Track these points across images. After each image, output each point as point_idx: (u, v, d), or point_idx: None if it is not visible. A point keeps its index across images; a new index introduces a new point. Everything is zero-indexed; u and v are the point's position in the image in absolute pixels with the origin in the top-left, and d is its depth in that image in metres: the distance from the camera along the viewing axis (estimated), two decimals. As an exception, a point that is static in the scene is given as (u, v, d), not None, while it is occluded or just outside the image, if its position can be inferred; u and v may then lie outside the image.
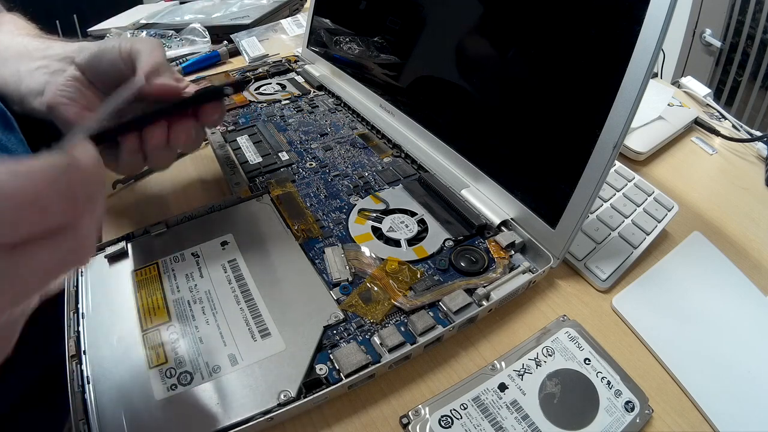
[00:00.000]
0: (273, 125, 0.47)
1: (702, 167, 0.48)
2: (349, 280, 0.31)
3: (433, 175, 0.39)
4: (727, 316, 0.32)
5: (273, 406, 0.24)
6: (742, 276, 0.34)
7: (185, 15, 0.76)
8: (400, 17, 0.45)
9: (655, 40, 0.25)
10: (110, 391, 0.25)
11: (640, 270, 0.35)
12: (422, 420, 0.24)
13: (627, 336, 0.30)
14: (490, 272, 0.31)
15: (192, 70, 0.63)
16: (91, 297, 0.30)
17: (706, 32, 1.11)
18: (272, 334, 0.27)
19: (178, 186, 0.43)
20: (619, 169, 0.42)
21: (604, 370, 0.27)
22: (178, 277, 0.31)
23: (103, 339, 0.27)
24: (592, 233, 0.36)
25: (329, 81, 0.54)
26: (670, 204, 0.39)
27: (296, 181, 0.39)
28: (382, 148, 0.44)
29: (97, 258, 0.32)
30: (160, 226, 0.34)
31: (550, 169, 0.32)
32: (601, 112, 0.27)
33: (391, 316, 0.29)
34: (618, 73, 0.26)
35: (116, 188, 0.42)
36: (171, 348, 0.27)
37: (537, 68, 0.33)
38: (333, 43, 0.54)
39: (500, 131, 0.36)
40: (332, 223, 0.35)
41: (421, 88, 0.44)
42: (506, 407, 0.25)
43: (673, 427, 0.26)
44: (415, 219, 0.35)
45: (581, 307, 0.32)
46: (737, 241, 0.38)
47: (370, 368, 0.26)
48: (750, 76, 1.05)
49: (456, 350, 0.29)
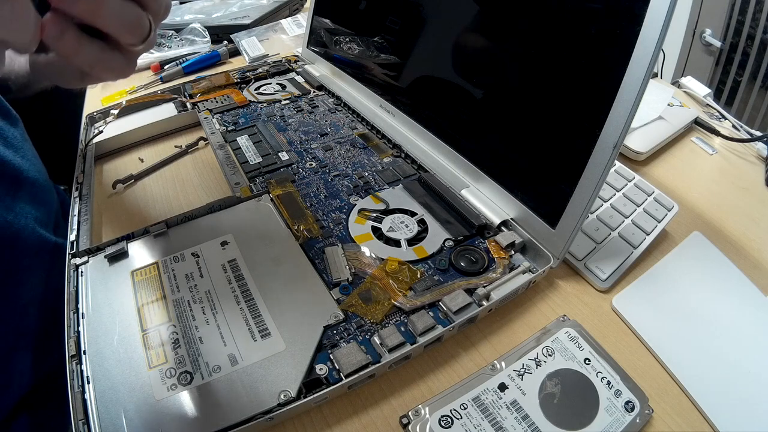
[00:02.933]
0: (273, 125, 0.47)
1: (702, 167, 0.48)
2: (349, 280, 0.31)
3: (433, 175, 0.39)
4: (727, 316, 0.32)
5: (273, 406, 0.24)
6: (742, 276, 0.34)
7: (185, 15, 0.76)
8: (400, 17, 0.45)
9: (655, 40, 0.25)
10: (110, 391, 0.25)
11: (640, 270, 0.35)
12: (422, 420, 0.24)
13: (627, 336, 0.30)
14: (490, 272, 0.31)
15: (192, 70, 0.63)
16: (91, 297, 0.30)
17: (706, 32, 1.11)
18: (272, 334, 0.27)
19: (178, 186, 0.43)
20: (619, 169, 0.42)
21: (604, 370, 0.27)
22: (178, 277, 0.31)
23: (103, 339, 0.27)
24: (592, 233, 0.36)
25: (329, 81, 0.54)
26: (670, 204, 0.39)
27: (296, 181, 0.39)
28: (382, 148, 0.44)
29: (97, 258, 0.32)
30: (160, 226, 0.34)
31: (550, 169, 0.32)
32: (601, 112, 0.27)
33: (391, 316, 0.29)
34: (618, 73, 0.26)
35: (116, 188, 0.42)
36: (171, 348, 0.27)
37: (537, 68, 0.33)
38: (333, 43, 0.54)
39: (500, 131, 0.36)
40: (332, 223, 0.35)
41: (421, 88, 0.44)
42: (506, 407, 0.25)
43: (673, 427, 0.26)
44: (415, 219, 0.35)
45: (581, 307, 0.32)
46: (737, 241, 0.38)
47: (370, 368, 0.26)
48: (750, 76, 1.05)
49: (456, 350, 0.29)
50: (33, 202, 0.39)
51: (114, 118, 0.50)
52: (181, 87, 0.55)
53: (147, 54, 0.66)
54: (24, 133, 0.43)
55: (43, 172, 0.43)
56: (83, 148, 0.45)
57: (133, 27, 0.23)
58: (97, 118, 0.50)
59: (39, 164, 0.43)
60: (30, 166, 0.40)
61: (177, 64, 0.63)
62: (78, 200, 0.39)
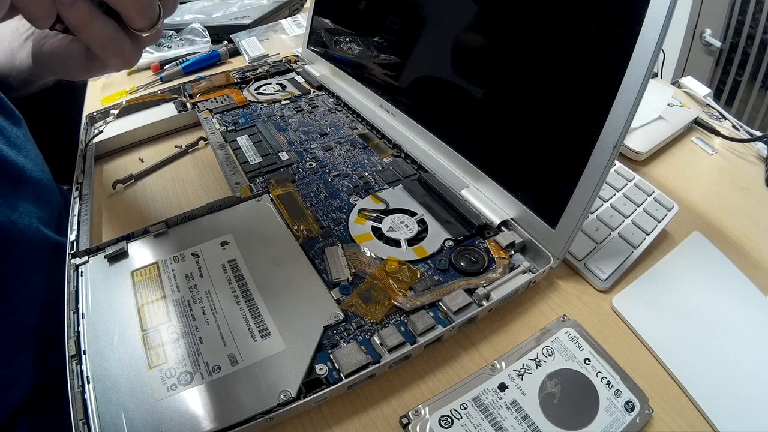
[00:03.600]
0: (273, 125, 0.47)
1: (702, 167, 0.48)
2: (349, 280, 0.31)
3: (433, 175, 0.39)
4: (727, 316, 0.32)
5: (273, 406, 0.24)
6: (742, 276, 0.34)
7: (185, 15, 0.76)
8: (400, 17, 0.45)
9: (655, 40, 0.25)
10: (110, 391, 0.25)
11: (640, 270, 0.35)
12: (422, 420, 0.24)
13: (627, 336, 0.30)
14: (490, 272, 0.31)
15: (192, 70, 0.63)
16: (91, 297, 0.30)
17: (706, 32, 1.11)
18: (272, 334, 0.27)
19: (178, 186, 0.43)
20: (619, 169, 0.42)
21: (604, 370, 0.27)
22: (178, 277, 0.31)
23: (103, 339, 0.27)
24: (592, 233, 0.36)
25: (329, 81, 0.54)
26: (670, 204, 0.39)
27: (296, 181, 0.39)
28: (382, 148, 0.44)
29: (97, 258, 0.32)
30: (160, 226, 0.34)
31: (550, 169, 0.32)
32: (601, 112, 0.27)
33: (391, 316, 0.29)
34: (618, 73, 0.26)
35: (116, 188, 0.42)
36: (171, 348, 0.27)
37: (537, 68, 0.33)
38: (333, 43, 0.54)
39: (500, 131, 0.36)
40: (332, 223, 0.35)
41: (421, 88, 0.44)
42: (506, 407, 0.25)
43: (673, 427, 0.26)
44: (415, 219, 0.35)
45: (581, 307, 0.32)
46: (737, 241, 0.38)
47: (370, 368, 0.26)
48: (750, 76, 1.05)
49: (456, 350, 0.29)
50: (36, 201, 0.39)
51: (114, 118, 0.50)
52: (181, 87, 0.55)
53: (147, 54, 0.66)
54: (27, 132, 0.43)
55: (46, 171, 0.43)
56: (83, 148, 0.45)
57: (145, 8, 0.24)
58: (97, 118, 0.50)
59: (42, 164, 0.43)
60: (33, 165, 0.40)
61: (177, 64, 0.63)
62: (78, 200, 0.39)
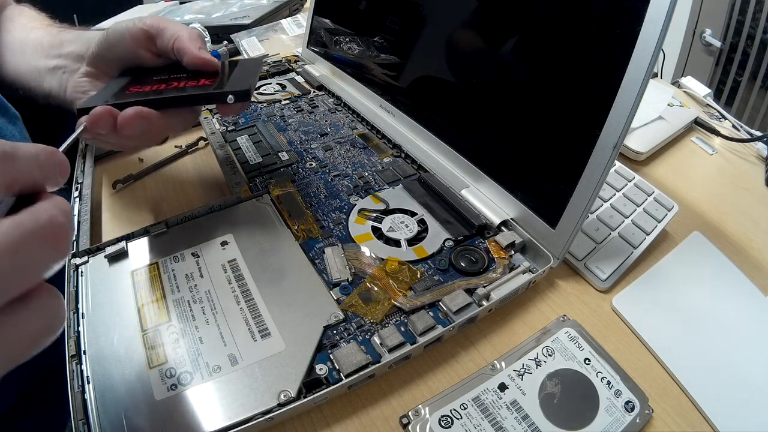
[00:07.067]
0: (273, 125, 0.47)
1: (702, 167, 0.48)
2: (349, 280, 0.31)
3: (433, 175, 0.39)
4: (727, 316, 0.32)
5: (273, 406, 0.24)
6: (742, 276, 0.34)
7: (185, 15, 0.76)
8: (400, 17, 0.45)
9: (655, 40, 0.25)
10: (110, 391, 0.25)
11: (640, 270, 0.35)
12: (422, 420, 0.24)
13: (627, 336, 0.30)
14: (490, 272, 0.31)
15: (192, 70, 0.63)
16: (91, 297, 0.30)
17: (706, 32, 1.11)
18: (272, 334, 0.27)
19: (178, 186, 0.43)
20: (619, 169, 0.42)
21: (604, 370, 0.27)
22: (178, 277, 0.30)
23: (103, 339, 0.27)
24: (592, 233, 0.36)
25: (329, 81, 0.54)
26: (670, 204, 0.39)
27: (296, 181, 0.39)
28: (382, 148, 0.44)
29: (97, 258, 0.32)
30: (160, 226, 0.34)
31: (550, 169, 0.32)
32: (601, 112, 0.27)
33: (391, 316, 0.29)
34: (618, 73, 0.26)
35: (116, 188, 0.42)
36: (171, 348, 0.27)
37: (537, 68, 0.33)
38: (333, 43, 0.54)
39: (500, 131, 0.36)
40: (332, 223, 0.35)
41: (421, 88, 0.44)
42: (506, 407, 0.25)
43: (673, 427, 0.26)
44: (415, 219, 0.35)
45: (581, 307, 0.32)
46: (737, 241, 0.38)
47: (370, 368, 0.26)
48: (750, 76, 1.05)
49: (456, 350, 0.29)
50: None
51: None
52: (181, 87, 0.54)
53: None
54: (23, 130, 0.42)
55: None
56: (83, 148, 0.45)
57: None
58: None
59: None
60: None
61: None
62: (78, 200, 0.39)
